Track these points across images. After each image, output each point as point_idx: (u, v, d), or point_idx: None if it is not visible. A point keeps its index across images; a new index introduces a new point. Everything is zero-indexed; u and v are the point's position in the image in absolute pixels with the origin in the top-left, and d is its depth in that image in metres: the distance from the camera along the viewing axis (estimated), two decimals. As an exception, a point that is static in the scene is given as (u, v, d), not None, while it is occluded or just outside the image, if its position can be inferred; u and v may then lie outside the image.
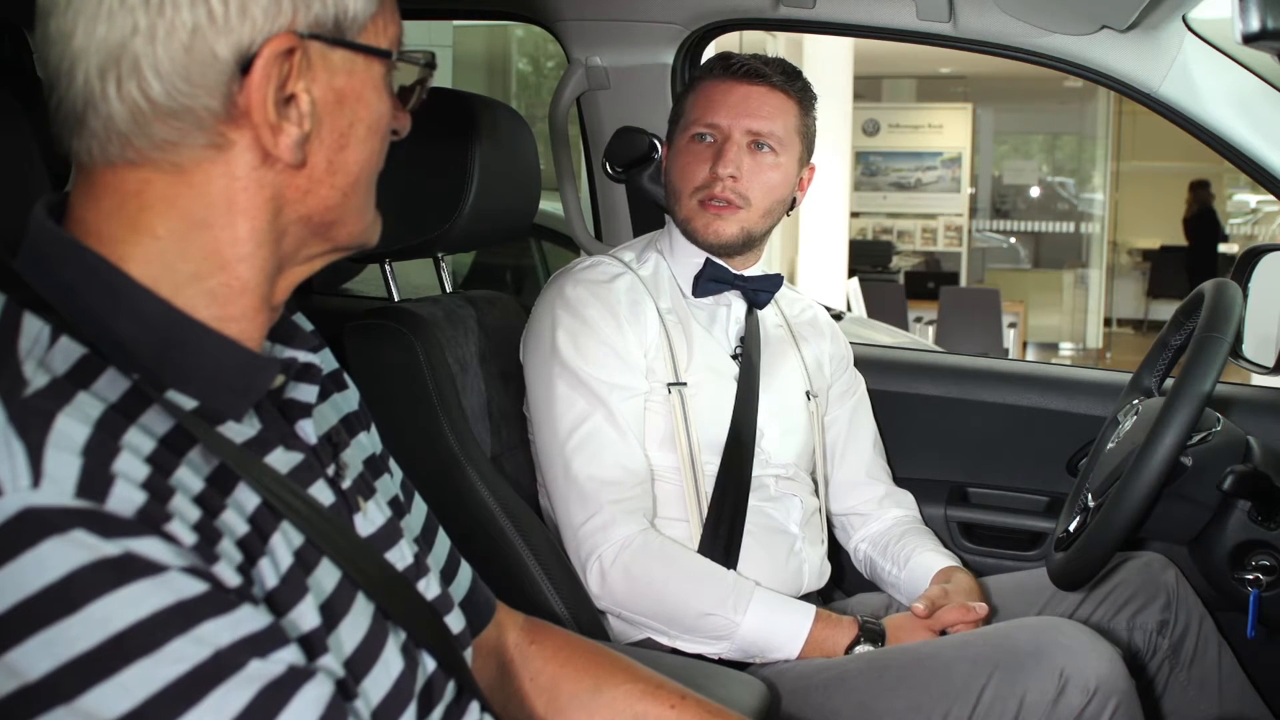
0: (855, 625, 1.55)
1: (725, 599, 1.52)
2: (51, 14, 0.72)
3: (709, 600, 1.52)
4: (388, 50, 0.79)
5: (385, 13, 0.79)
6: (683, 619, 1.53)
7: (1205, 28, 1.73)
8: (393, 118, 0.81)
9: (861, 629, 1.54)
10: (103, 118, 0.71)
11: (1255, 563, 1.46)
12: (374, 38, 0.78)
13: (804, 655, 1.52)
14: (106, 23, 0.70)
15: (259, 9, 0.71)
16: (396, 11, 0.81)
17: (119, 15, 0.70)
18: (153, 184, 0.73)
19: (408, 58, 0.82)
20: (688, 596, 1.52)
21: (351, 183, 0.79)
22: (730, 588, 1.53)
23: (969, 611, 1.56)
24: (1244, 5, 0.97)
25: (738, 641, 1.53)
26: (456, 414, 1.56)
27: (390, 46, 0.79)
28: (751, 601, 1.53)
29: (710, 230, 1.66)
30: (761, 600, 1.54)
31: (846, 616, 1.57)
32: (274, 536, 0.74)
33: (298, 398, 0.83)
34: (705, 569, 1.55)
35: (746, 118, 1.64)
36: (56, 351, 0.68)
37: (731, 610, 1.52)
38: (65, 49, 0.71)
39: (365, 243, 0.83)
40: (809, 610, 1.55)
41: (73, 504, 0.62)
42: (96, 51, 0.70)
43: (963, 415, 2.04)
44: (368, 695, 0.77)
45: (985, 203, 11.98)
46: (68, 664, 0.61)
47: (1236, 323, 1.45)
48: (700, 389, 1.64)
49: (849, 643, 1.53)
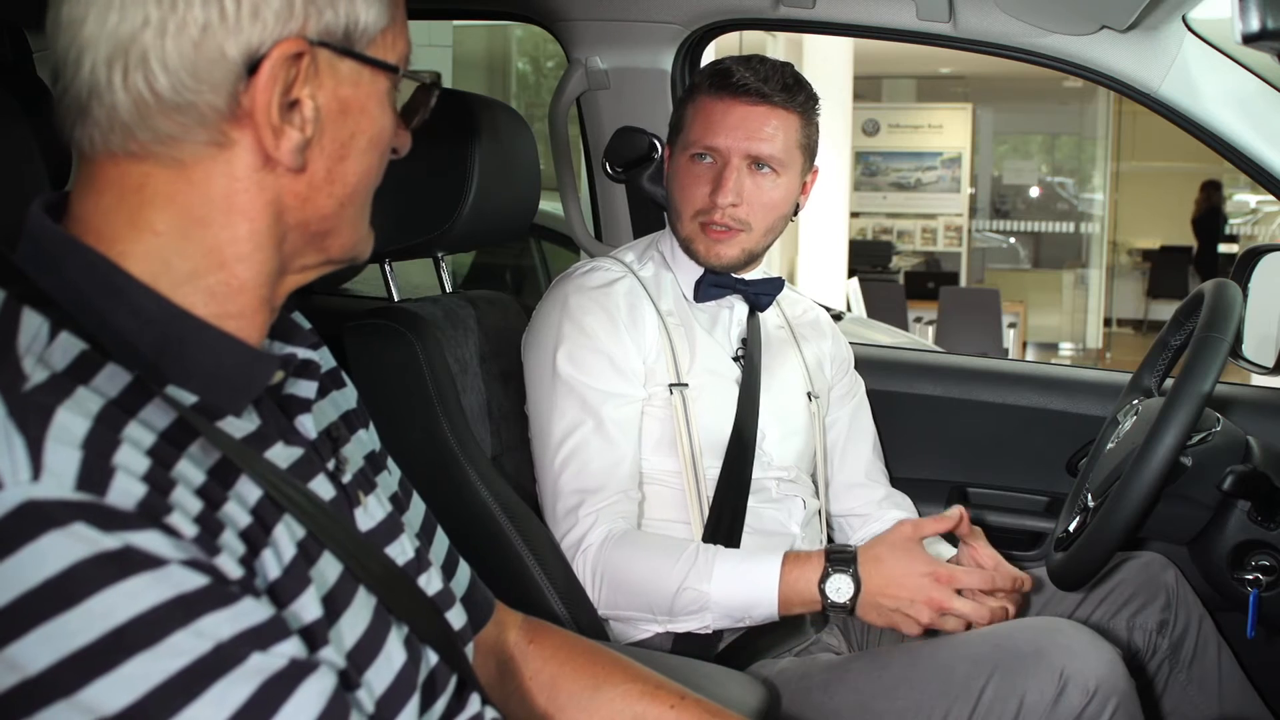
0: (824, 555, 1.49)
1: (689, 571, 1.50)
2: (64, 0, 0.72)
3: (676, 576, 1.50)
4: (395, 66, 0.79)
5: (395, 28, 0.79)
6: (660, 602, 1.51)
7: (1205, 28, 1.73)
8: (394, 134, 0.82)
9: (828, 557, 1.48)
10: (106, 107, 0.72)
11: (1255, 563, 1.46)
12: (383, 51, 0.78)
13: (785, 603, 1.48)
14: (119, 13, 0.70)
15: (271, 12, 0.72)
16: (406, 29, 0.81)
17: (131, 7, 0.70)
18: (153, 178, 0.73)
19: (414, 75, 0.82)
20: (656, 579, 1.51)
21: (349, 194, 0.79)
22: (692, 559, 1.50)
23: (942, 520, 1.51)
24: (1244, 5, 0.97)
25: (716, 609, 1.50)
26: (456, 414, 1.56)
27: (398, 62, 0.79)
28: (715, 567, 1.50)
29: (712, 254, 1.65)
30: (725, 562, 1.50)
31: (816, 551, 1.52)
32: (277, 527, 0.74)
33: (297, 393, 0.84)
34: (668, 547, 1.53)
35: (745, 140, 1.61)
36: (56, 347, 0.68)
37: (697, 580, 1.49)
38: (75, 36, 0.72)
39: (357, 256, 0.83)
40: (775, 558, 1.50)
41: (73, 497, 0.62)
42: (106, 41, 0.71)
43: (963, 415, 2.04)
44: (370, 686, 0.77)
45: (985, 203, 11.98)
46: (68, 658, 0.61)
47: (1236, 323, 1.45)
48: (702, 391, 1.64)
49: (819, 576, 1.47)
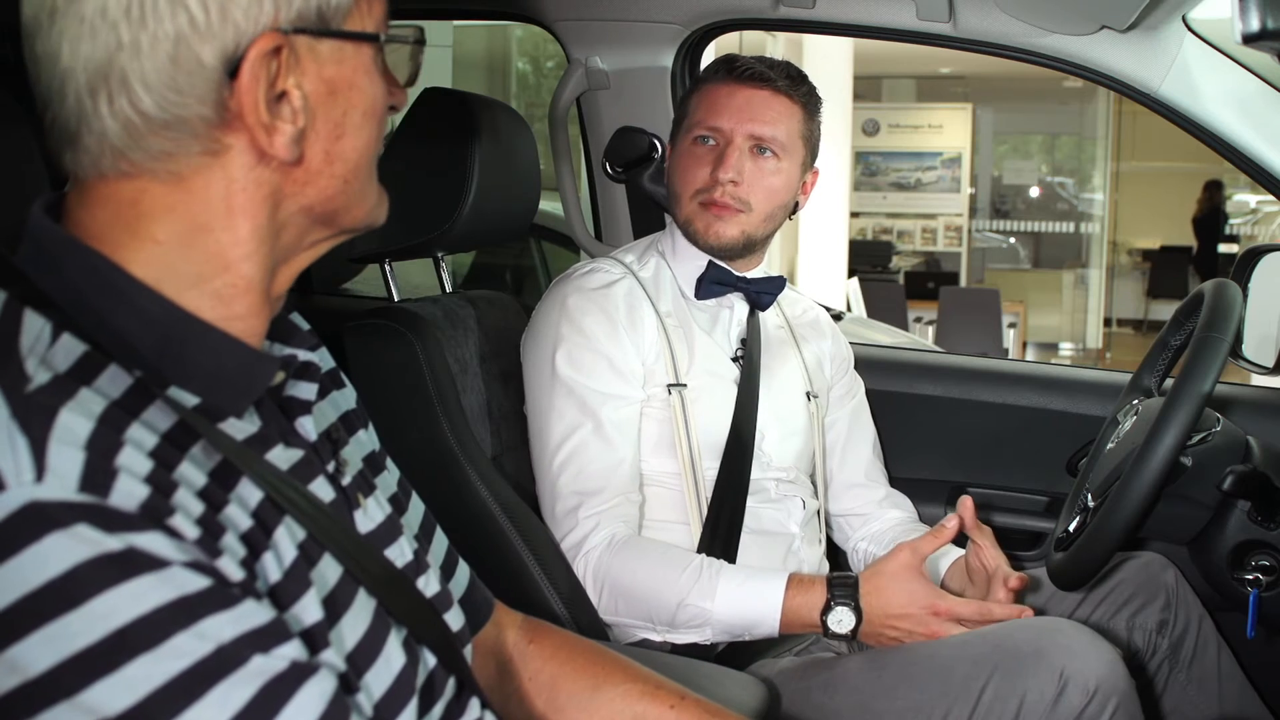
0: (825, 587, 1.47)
1: (692, 587, 1.49)
2: (36, 36, 0.71)
3: (678, 590, 1.50)
4: (375, 34, 0.78)
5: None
6: (660, 613, 1.51)
7: (1205, 28, 1.73)
8: (388, 95, 0.80)
9: (831, 586, 1.47)
10: (96, 134, 0.71)
11: (1255, 563, 1.46)
12: (359, 22, 0.77)
13: (786, 624, 1.48)
14: (90, 40, 0.69)
15: (240, 11, 0.70)
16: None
17: (102, 31, 0.69)
18: (149, 193, 0.73)
19: (396, 37, 0.80)
20: (658, 591, 1.50)
21: (351, 170, 0.78)
22: (696, 574, 1.50)
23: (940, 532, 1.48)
24: (1244, 5, 0.97)
25: (716, 626, 1.51)
26: (456, 414, 1.56)
27: (377, 28, 0.78)
28: (719, 585, 1.49)
29: (711, 232, 1.66)
30: (730, 582, 1.50)
31: (821, 576, 1.51)
32: (278, 530, 0.74)
33: (297, 395, 0.83)
34: (670, 558, 1.53)
35: (749, 121, 1.63)
36: (58, 348, 0.68)
37: (699, 598, 1.49)
38: (54, 69, 0.71)
39: (373, 222, 0.82)
40: (779, 580, 1.49)
41: (76, 498, 0.62)
42: (84, 70, 0.70)
43: (963, 415, 2.04)
44: (370, 689, 0.77)
45: (985, 203, 11.98)
46: (70, 659, 0.61)
47: (1236, 323, 1.45)
48: (700, 392, 1.64)
49: (822, 605, 1.47)
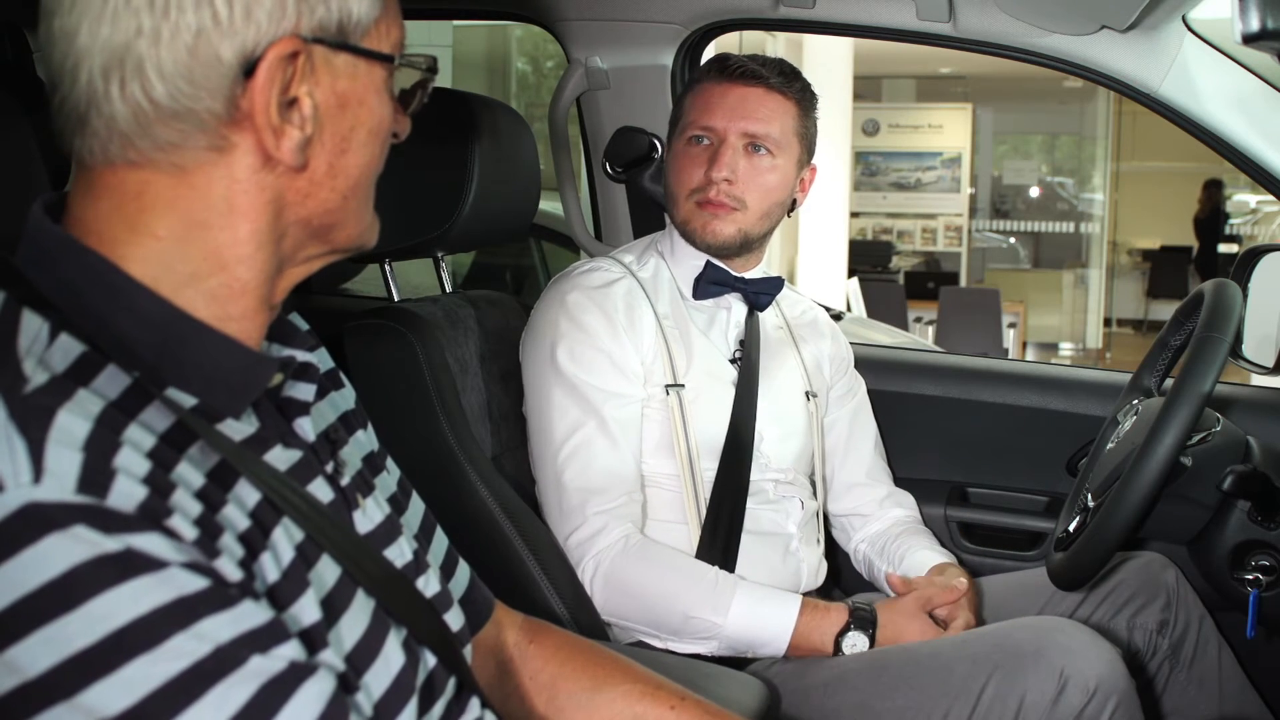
0: (845, 611, 1.52)
1: (705, 601, 1.50)
2: (55, 13, 0.72)
3: (690, 602, 1.50)
4: (390, 55, 0.79)
5: (388, 17, 0.79)
6: (667, 622, 1.52)
7: (1205, 28, 1.73)
8: (393, 120, 0.81)
9: (852, 614, 1.52)
10: (105, 118, 0.71)
11: (1255, 563, 1.46)
12: (377, 42, 0.78)
13: (794, 648, 1.51)
14: (111, 23, 0.70)
15: (263, 12, 0.71)
16: (399, 15, 0.81)
17: (124, 16, 0.70)
18: (153, 185, 0.73)
19: (410, 62, 0.82)
20: (669, 600, 1.51)
21: (352, 186, 0.79)
22: (710, 588, 1.51)
23: (951, 591, 1.55)
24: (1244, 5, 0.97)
25: (724, 641, 1.52)
26: (456, 414, 1.56)
27: (393, 51, 0.79)
28: (733, 602, 1.50)
29: (708, 230, 1.66)
30: (744, 599, 1.51)
31: (836, 604, 1.55)
32: (275, 531, 0.74)
33: (296, 396, 0.84)
34: (686, 569, 1.54)
35: (742, 120, 1.63)
36: (56, 349, 0.68)
37: (712, 612, 1.50)
38: (69, 48, 0.71)
39: (363, 245, 0.83)
40: (793, 604, 1.52)
41: (74, 499, 0.62)
42: (100, 52, 0.70)
43: (963, 415, 2.04)
44: (369, 689, 0.77)
45: (985, 203, 11.98)
46: (68, 660, 0.61)
47: (1236, 323, 1.45)
48: (698, 394, 1.64)
49: (838, 630, 1.50)
